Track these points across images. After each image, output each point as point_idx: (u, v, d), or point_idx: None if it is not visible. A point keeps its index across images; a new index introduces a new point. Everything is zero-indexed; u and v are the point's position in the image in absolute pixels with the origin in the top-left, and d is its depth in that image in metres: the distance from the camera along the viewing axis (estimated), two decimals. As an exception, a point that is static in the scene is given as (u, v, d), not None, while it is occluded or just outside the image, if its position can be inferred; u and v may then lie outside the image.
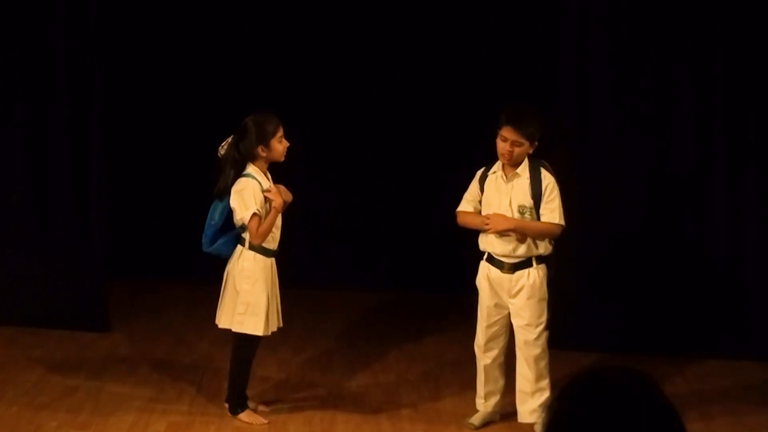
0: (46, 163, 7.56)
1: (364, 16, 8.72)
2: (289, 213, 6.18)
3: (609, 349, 7.25)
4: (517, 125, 5.89)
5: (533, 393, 6.04)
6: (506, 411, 6.29)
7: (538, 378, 6.04)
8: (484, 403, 6.20)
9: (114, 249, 8.37)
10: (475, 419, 6.20)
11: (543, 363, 6.05)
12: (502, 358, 6.17)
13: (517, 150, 5.90)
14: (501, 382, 6.20)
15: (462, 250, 8.63)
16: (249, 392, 6.26)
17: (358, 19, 8.72)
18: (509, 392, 6.23)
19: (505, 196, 5.99)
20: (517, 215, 5.95)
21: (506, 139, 5.91)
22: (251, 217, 5.91)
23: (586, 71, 7.39)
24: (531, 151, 5.97)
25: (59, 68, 7.44)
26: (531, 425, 6.09)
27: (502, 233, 5.92)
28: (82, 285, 7.56)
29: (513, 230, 5.91)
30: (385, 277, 8.91)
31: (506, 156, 5.93)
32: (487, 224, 5.94)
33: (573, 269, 7.26)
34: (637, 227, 7.51)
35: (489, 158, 6.15)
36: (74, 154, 7.50)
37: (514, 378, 6.15)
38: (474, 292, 6.18)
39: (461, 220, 6.16)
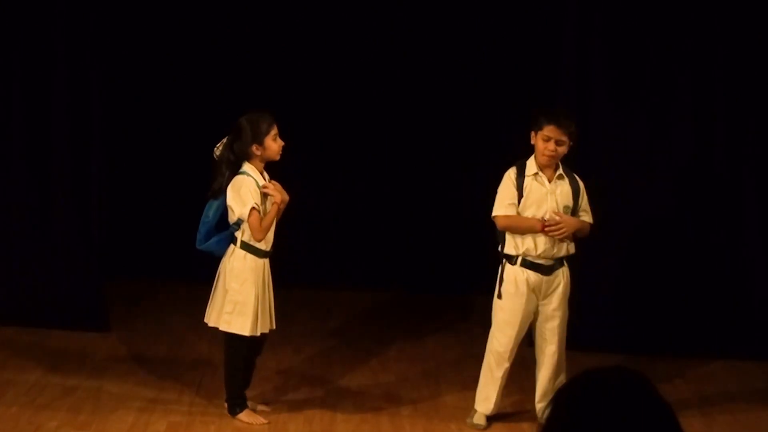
0: (46, 163, 7.55)
1: (364, 16, 8.71)
2: (288, 213, 6.18)
3: (610, 349, 7.23)
4: (561, 124, 5.93)
5: (553, 390, 6.05)
6: (506, 411, 6.30)
7: (562, 375, 6.09)
8: (493, 408, 6.16)
9: (114, 249, 8.38)
10: (478, 419, 6.19)
11: (564, 359, 6.12)
12: None
13: (560, 149, 5.93)
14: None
15: (461, 251, 8.68)
16: (249, 392, 6.26)
17: (358, 19, 8.71)
18: (507, 393, 6.23)
19: (551, 197, 6.00)
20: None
21: (549, 139, 5.91)
22: (250, 212, 5.89)
23: (586, 71, 7.38)
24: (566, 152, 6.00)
25: (59, 68, 7.44)
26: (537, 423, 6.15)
27: (562, 236, 5.96)
28: (81, 285, 7.56)
29: (577, 231, 5.99)
30: (385, 277, 8.90)
31: (551, 155, 5.94)
32: (555, 226, 5.91)
33: (574, 270, 7.24)
34: (637, 227, 7.50)
35: (489, 158, 6.14)
36: (74, 154, 7.50)
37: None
38: (473, 292, 6.16)
39: (508, 223, 6.00)
